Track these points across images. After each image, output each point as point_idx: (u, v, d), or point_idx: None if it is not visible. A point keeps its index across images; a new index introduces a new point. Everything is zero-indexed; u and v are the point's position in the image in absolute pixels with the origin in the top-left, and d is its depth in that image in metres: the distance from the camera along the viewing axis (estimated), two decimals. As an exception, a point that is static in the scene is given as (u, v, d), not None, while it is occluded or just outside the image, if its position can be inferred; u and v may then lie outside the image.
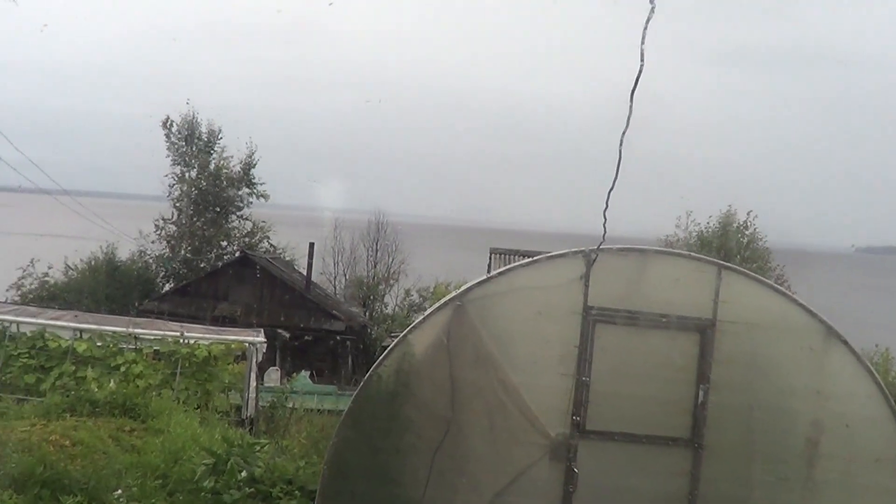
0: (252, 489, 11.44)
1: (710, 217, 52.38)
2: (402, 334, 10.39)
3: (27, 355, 26.71)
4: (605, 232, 9.18)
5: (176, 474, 13.68)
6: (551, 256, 10.23)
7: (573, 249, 10.10)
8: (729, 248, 48.82)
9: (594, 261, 9.97)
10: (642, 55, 7.20)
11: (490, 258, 46.82)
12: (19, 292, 55.60)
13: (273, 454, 13.41)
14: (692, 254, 11.21)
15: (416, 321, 10.53)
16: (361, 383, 10.37)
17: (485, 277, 10.41)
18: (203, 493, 11.74)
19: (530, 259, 10.33)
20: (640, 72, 7.32)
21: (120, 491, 12.66)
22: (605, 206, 8.49)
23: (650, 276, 10.18)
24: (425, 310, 44.64)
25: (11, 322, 27.64)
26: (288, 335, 49.08)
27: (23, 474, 12.78)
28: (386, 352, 10.20)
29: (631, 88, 7.45)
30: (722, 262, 10.52)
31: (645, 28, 7.08)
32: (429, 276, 59.85)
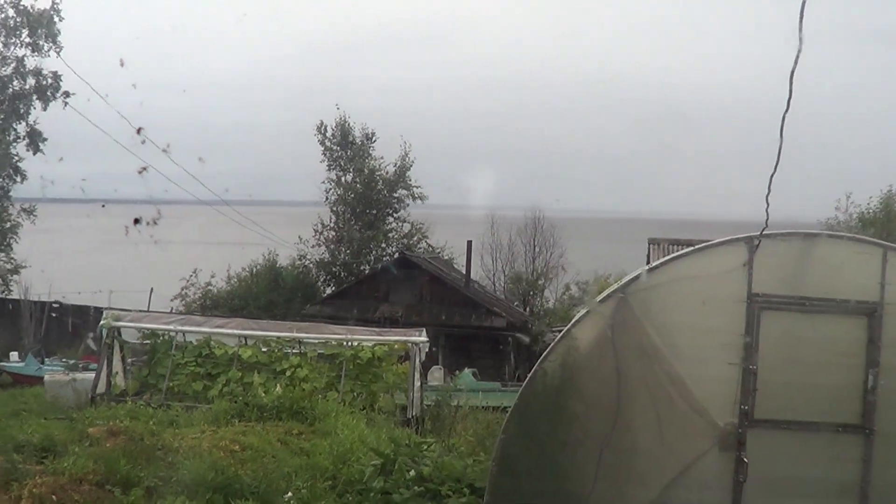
0: (421, 488, 11.44)
1: (871, 198, 50.81)
2: (565, 329, 10.32)
3: (194, 363, 27.31)
4: (767, 217, 8.98)
5: (345, 475, 13.80)
6: (713, 244, 10.05)
7: (735, 236, 9.92)
8: (892, 229, 47.25)
9: (757, 247, 9.77)
10: (800, 38, 7.03)
11: (648, 249, 46.38)
12: (183, 302, 57.05)
13: (440, 453, 13.41)
14: (857, 236, 10.92)
15: (579, 315, 10.44)
16: (527, 379, 10.33)
17: (646, 268, 10.28)
18: (372, 494, 11.81)
19: (692, 248, 10.17)
20: (799, 54, 7.14)
21: (290, 494, 12.83)
22: (767, 190, 8.30)
23: (815, 260, 9.94)
24: (585, 304, 44.42)
25: (178, 331, 28.27)
26: (450, 334, 49.31)
27: (195, 480, 13.04)
28: (550, 347, 10.14)
29: (790, 70, 7.28)
30: (887, 244, 10.20)
31: (802, 9, 6.91)
32: (587, 269, 59.33)
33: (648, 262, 23.97)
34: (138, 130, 15.38)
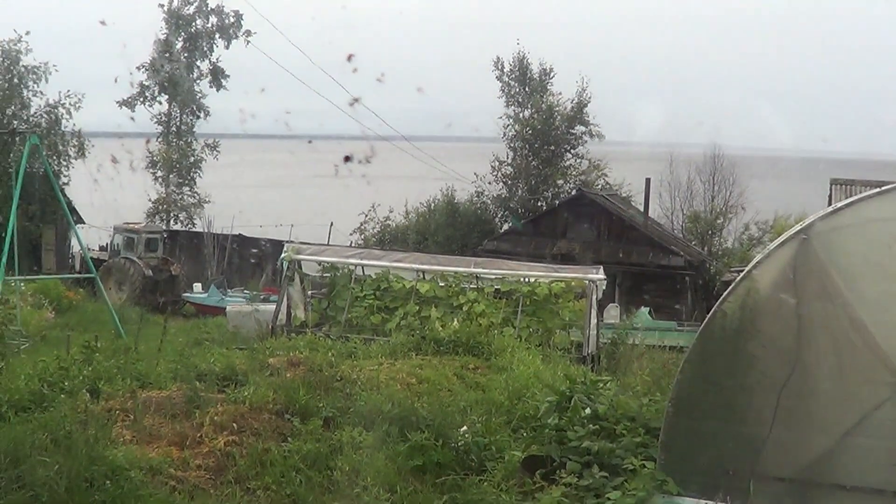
0: (596, 426, 11.41)
1: None
2: (746, 269, 10.16)
3: (372, 297, 27.79)
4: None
5: (519, 411, 13.89)
6: (902, 185, 9.72)
7: (925, 177, 9.60)
8: None
9: (950, 188, 9.43)
10: None
11: (831, 189, 45.10)
12: (362, 236, 57.96)
13: (616, 391, 13.36)
14: None
15: (760, 256, 10.26)
16: (705, 320, 10.21)
17: (830, 209, 10.01)
18: (547, 430, 11.82)
19: (880, 189, 9.85)
20: None
21: (465, 428, 12.95)
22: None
23: None
24: (765, 244, 43.56)
25: (357, 265, 28.78)
26: (626, 272, 49.04)
27: (371, 412, 13.28)
28: (730, 288, 9.99)
29: None
30: None
31: None
32: (768, 209, 58.06)
33: (830, 203, 23.31)
34: (349, 57, 15.42)
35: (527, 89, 59.25)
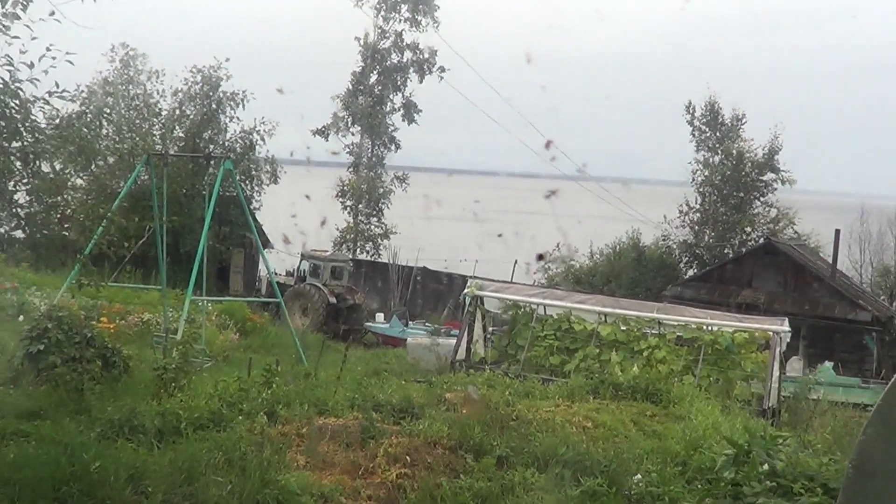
0: (773, 483, 11.25)
1: None
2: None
3: (553, 337, 27.80)
4: None
5: (695, 462, 13.76)
6: None
7: None
8: None
9: None
10: None
11: None
12: (546, 275, 58.05)
13: (795, 448, 13.15)
14: None
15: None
16: (893, 378, 10.03)
17: None
18: (722, 484, 11.74)
19: None
20: None
21: (639, 476, 12.94)
22: None
23: None
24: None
25: (539, 304, 28.87)
26: (811, 324, 47.97)
27: (546, 453, 13.38)
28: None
29: None
30: None
31: None
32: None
33: None
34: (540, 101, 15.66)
35: (717, 134, 58.68)
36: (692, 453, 14.30)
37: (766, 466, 11.71)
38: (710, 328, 26.81)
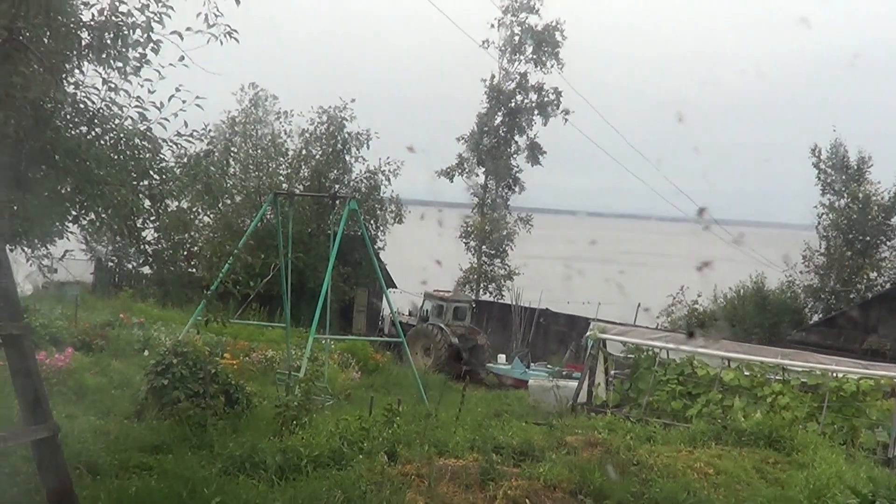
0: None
1: None
2: None
3: (676, 381, 27.70)
4: None
5: (821, 511, 13.75)
6: None
7: None
8: None
9: None
10: None
11: None
12: (669, 319, 57.62)
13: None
14: None
15: None
16: None
17: None
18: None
19: None
20: None
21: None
22: None
23: None
24: None
25: (662, 348, 28.86)
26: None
27: (666, 499, 13.45)
28: None
29: None
30: None
31: None
32: None
33: None
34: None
35: (843, 177, 57.88)
36: (815, 502, 14.21)
37: (889, 516, 11.73)
38: (834, 374, 26.54)
